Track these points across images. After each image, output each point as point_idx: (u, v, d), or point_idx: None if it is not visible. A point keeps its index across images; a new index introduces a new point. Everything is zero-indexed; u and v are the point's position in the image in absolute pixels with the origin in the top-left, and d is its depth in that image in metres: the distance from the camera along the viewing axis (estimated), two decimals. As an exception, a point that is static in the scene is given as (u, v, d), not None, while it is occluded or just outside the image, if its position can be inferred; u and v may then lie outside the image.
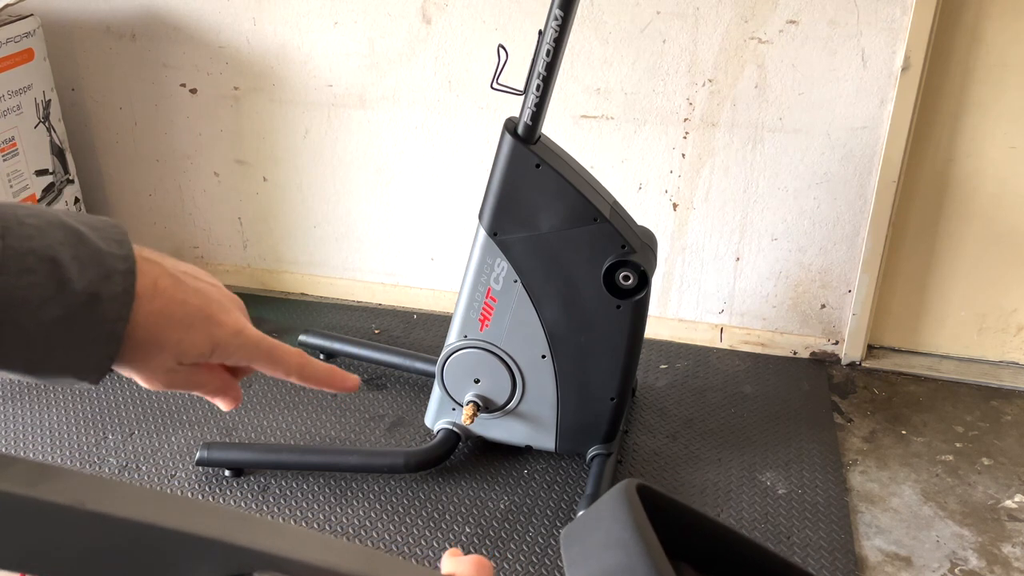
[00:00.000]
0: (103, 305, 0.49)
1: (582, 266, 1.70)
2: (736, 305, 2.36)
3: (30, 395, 2.17)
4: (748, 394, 2.21)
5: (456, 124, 2.31)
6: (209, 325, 0.54)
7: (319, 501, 1.85)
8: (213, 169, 2.54)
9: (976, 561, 1.73)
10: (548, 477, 1.92)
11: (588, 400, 1.82)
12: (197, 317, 0.53)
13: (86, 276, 0.48)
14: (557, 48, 1.59)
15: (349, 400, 2.17)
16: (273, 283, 2.66)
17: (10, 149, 2.24)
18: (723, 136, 2.17)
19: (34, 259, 0.47)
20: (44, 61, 2.33)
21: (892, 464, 1.98)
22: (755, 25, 2.05)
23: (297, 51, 2.32)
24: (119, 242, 0.50)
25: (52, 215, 0.49)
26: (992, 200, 2.14)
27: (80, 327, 0.48)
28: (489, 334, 1.79)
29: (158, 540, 0.41)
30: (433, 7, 2.19)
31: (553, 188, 1.66)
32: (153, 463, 1.95)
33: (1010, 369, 2.30)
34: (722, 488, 1.90)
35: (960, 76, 2.05)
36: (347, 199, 2.49)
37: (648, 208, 2.28)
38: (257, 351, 0.56)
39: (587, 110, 2.21)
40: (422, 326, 2.48)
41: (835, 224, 2.20)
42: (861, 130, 2.09)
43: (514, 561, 1.71)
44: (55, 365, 0.49)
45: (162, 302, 0.52)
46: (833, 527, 1.80)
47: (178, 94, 2.46)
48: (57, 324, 0.48)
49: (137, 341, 0.51)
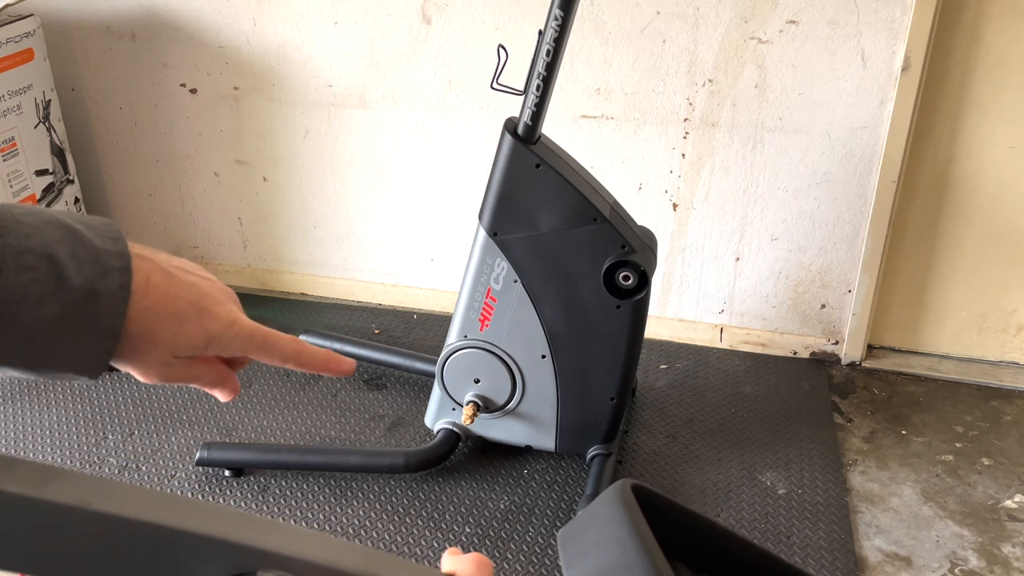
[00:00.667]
0: (100, 301, 0.49)
1: (582, 266, 1.70)
2: (736, 305, 2.36)
3: (30, 395, 2.17)
4: (748, 394, 2.21)
5: (456, 124, 2.31)
6: (203, 318, 0.55)
7: (319, 501, 1.85)
8: (213, 169, 2.54)
9: (976, 561, 1.73)
10: (548, 477, 1.92)
11: (588, 400, 1.82)
12: (190, 311, 0.54)
13: (83, 273, 0.49)
14: (557, 48, 1.59)
15: (349, 400, 2.17)
16: (273, 283, 2.66)
17: (10, 149, 2.24)
18: (723, 136, 2.17)
19: (32, 257, 0.47)
20: (44, 61, 2.33)
21: (892, 464, 1.98)
22: (755, 25, 2.05)
23: (297, 51, 2.32)
24: (114, 239, 0.51)
25: (48, 214, 0.50)
26: (992, 200, 2.14)
27: (78, 323, 0.49)
28: (489, 334, 1.79)
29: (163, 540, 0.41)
30: (433, 7, 2.19)
31: (553, 188, 1.67)
32: (153, 463, 1.96)
33: (1010, 369, 2.30)
34: (722, 488, 1.90)
35: (960, 76, 2.05)
36: (347, 199, 2.49)
37: (648, 208, 2.28)
38: (252, 341, 0.57)
39: (587, 110, 2.21)
40: (422, 326, 2.48)
41: (835, 224, 2.20)
42: (861, 130, 2.09)
43: (514, 561, 1.71)
44: (54, 361, 0.50)
45: (155, 297, 0.52)
46: (833, 527, 1.80)
47: (178, 94, 2.46)
48: (56, 320, 0.48)
49: (132, 336, 0.52)
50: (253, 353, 0.58)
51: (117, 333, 0.51)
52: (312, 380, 2.24)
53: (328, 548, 0.43)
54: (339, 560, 0.43)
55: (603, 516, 0.45)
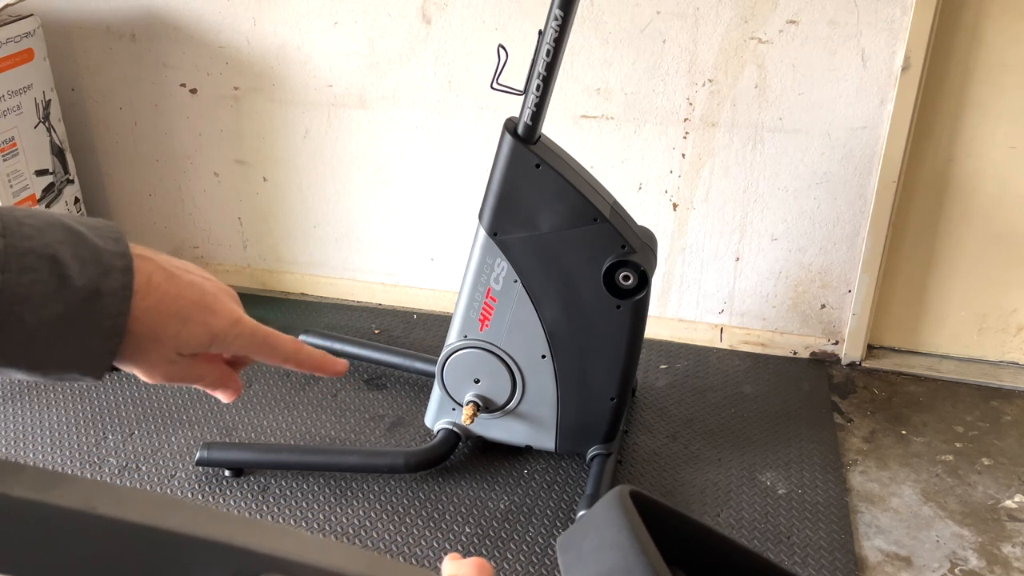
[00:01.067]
0: (103, 300, 0.50)
1: (582, 266, 1.70)
2: (736, 305, 2.36)
3: (30, 395, 2.17)
4: (748, 394, 2.21)
5: (456, 124, 2.31)
6: (206, 316, 0.55)
7: (319, 501, 1.85)
8: (213, 169, 2.54)
9: (976, 561, 1.73)
10: (548, 477, 1.92)
11: (588, 400, 1.82)
12: (193, 309, 0.55)
13: (86, 273, 0.49)
14: (557, 48, 1.59)
15: (349, 400, 2.17)
16: (273, 283, 2.66)
17: (10, 149, 2.24)
18: (723, 136, 2.17)
19: (34, 257, 0.48)
20: (44, 61, 2.33)
21: (892, 464, 1.98)
22: (755, 25, 2.05)
23: (297, 51, 2.32)
24: (115, 240, 0.52)
25: (49, 216, 0.50)
26: (992, 200, 2.14)
27: (82, 323, 0.49)
28: (489, 334, 1.79)
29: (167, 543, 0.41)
30: (433, 7, 2.19)
31: (553, 188, 1.67)
32: (153, 463, 1.96)
33: (1010, 369, 2.30)
34: (722, 488, 1.90)
35: (960, 76, 2.05)
36: (347, 199, 2.49)
37: (648, 208, 2.28)
38: (254, 339, 0.58)
39: (587, 110, 2.21)
40: (422, 326, 2.48)
41: (835, 224, 2.20)
42: (861, 130, 2.09)
43: (514, 561, 1.71)
44: (58, 362, 0.50)
45: (158, 296, 0.53)
46: (833, 527, 1.80)
47: (178, 94, 2.46)
48: (59, 320, 0.49)
49: (136, 335, 0.52)
50: (255, 352, 0.58)
51: (121, 332, 0.51)
52: (312, 380, 2.24)
53: (330, 552, 0.43)
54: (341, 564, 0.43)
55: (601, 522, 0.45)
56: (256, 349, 0.58)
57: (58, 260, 0.48)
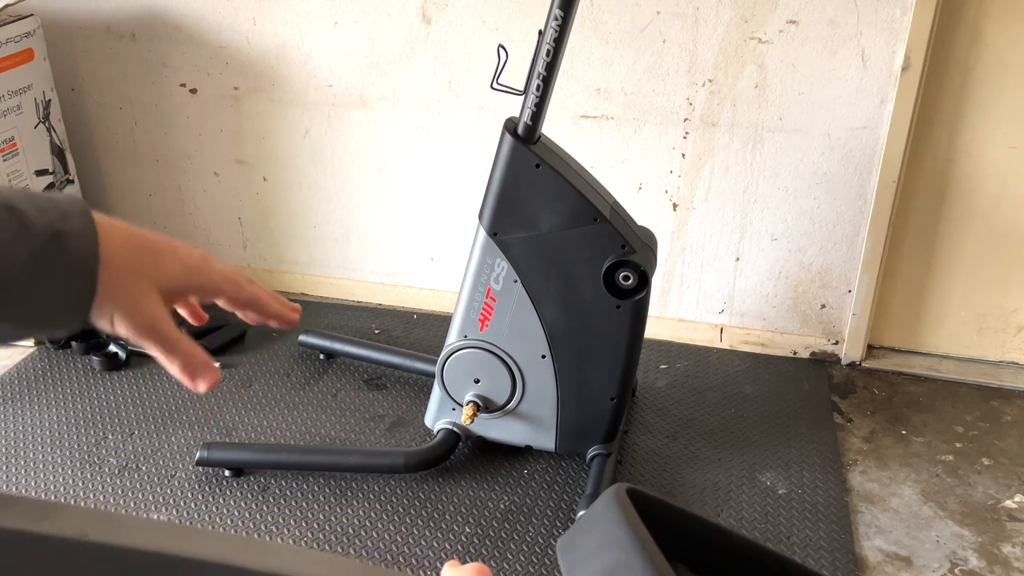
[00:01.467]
0: (68, 242, 0.51)
1: (582, 266, 1.70)
2: (736, 305, 2.36)
3: (30, 395, 2.17)
4: (748, 394, 2.21)
5: (456, 124, 2.31)
6: (177, 252, 0.59)
7: (319, 501, 1.85)
8: (213, 169, 2.54)
9: (976, 561, 1.73)
10: (548, 477, 1.92)
11: (588, 400, 1.82)
12: (164, 248, 0.58)
13: (44, 217, 0.51)
14: (557, 48, 1.59)
15: (349, 400, 2.17)
16: (273, 283, 2.66)
17: (10, 149, 2.24)
18: (723, 136, 2.17)
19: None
20: (44, 61, 2.33)
21: (892, 464, 1.98)
22: (755, 25, 2.05)
23: (297, 51, 2.32)
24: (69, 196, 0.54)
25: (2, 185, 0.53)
26: (992, 200, 2.14)
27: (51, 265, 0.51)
28: (489, 334, 1.79)
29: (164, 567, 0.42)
30: (433, 7, 2.19)
31: (553, 188, 1.67)
32: (153, 463, 1.96)
33: (1010, 369, 2.30)
34: (722, 488, 1.90)
35: (960, 76, 2.05)
36: (347, 199, 2.49)
37: (648, 208, 2.28)
38: (224, 275, 0.61)
39: (587, 110, 2.21)
40: (422, 326, 2.48)
41: (835, 224, 2.20)
42: (861, 130, 2.09)
43: (514, 561, 1.71)
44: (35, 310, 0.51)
45: (125, 235, 0.55)
46: (833, 527, 1.80)
47: (178, 94, 2.46)
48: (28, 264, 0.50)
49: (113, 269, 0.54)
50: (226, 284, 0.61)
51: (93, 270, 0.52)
52: (312, 380, 2.24)
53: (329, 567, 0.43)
54: None
55: (600, 520, 0.45)
56: (226, 282, 0.61)
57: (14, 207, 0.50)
